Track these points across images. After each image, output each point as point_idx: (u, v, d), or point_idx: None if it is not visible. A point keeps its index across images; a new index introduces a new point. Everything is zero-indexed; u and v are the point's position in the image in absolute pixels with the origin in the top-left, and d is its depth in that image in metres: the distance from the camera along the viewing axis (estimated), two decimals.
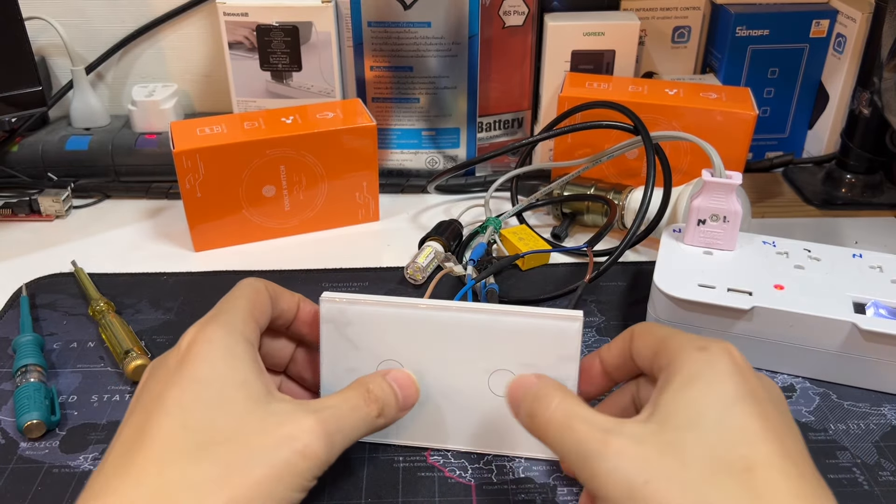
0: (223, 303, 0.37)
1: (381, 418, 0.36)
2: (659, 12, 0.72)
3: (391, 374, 0.38)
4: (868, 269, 0.49)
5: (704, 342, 0.33)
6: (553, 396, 0.33)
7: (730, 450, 0.29)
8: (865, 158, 0.67)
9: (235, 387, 0.33)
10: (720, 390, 0.31)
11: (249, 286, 0.38)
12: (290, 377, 0.43)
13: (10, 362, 0.47)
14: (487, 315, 0.39)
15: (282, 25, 0.66)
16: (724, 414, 0.30)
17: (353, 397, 0.36)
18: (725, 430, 0.30)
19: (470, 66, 0.66)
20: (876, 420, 0.44)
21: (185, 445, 0.31)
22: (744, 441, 0.29)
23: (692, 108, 0.61)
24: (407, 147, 0.71)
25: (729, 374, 0.32)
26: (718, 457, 0.29)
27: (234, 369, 0.34)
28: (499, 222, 0.61)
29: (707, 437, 0.30)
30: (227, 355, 0.34)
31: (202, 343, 0.34)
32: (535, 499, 0.39)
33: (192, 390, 0.33)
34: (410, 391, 0.38)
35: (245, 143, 0.57)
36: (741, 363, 0.33)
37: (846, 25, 0.69)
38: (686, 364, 0.32)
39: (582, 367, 0.39)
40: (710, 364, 0.32)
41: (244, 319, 0.36)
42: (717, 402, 0.31)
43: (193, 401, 0.32)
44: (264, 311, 0.38)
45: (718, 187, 0.49)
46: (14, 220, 0.65)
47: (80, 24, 0.74)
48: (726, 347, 0.33)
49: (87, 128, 0.72)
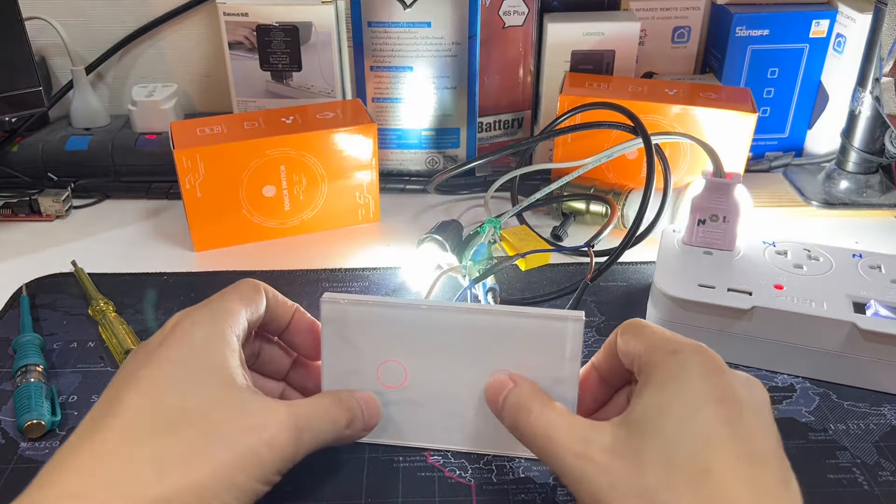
0: (217, 295, 0.38)
1: (348, 430, 0.37)
2: (659, 12, 0.72)
3: (357, 393, 0.39)
4: (868, 269, 0.49)
5: (678, 345, 0.34)
6: (532, 407, 0.35)
7: (688, 454, 0.30)
8: (865, 158, 0.67)
9: (210, 372, 0.33)
10: (687, 395, 0.31)
11: (246, 284, 0.39)
12: (291, 385, 0.43)
13: (11, 362, 0.47)
14: (488, 316, 0.39)
15: (282, 25, 0.66)
16: (688, 418, 0.31)
17: (325, 402, 0.37)
18: (687, 436, 0.30)
19: (470, 66, 0.66)
20: (876, 420, 0.44)
21: (152, 422, 0.31)
22: (703, 445, 0.30)
23: (692, 108, 0.61)
24: (407, 147, 0.71)
25: (698, 378, 0.32)
26: (677, 462, 0.29)
27: (212, 355, 0.34)
28: (499, 222, 0.61)
29: (668, 443, 0.30)
30: (207, 341, 0.34)
31: (184, 327, 0.35)
32: (535, 499, 0.39)
33: (166, 370, 0.33)
34: (374, 412, 0.39)
35: (245, 143, 0.57)
36: (713, 366, 0.33)
37: (846, 25, 0.69)
38: (658, 368, 0.33)
39: (581, 381, 0.39)
40: (681, 368, 0.32)
41: (231, 312, 0.36)
42: (683, 407, 0.31)
43: (166, 380, 0.33)
44: (256, 311, 0.38)
45: (718, 187, 0.49)
46: (14, 220, 0.65)
47: (80, 24, 0.74)
48: (698, 349, 0.33)
49: (87, 128, 0.72)
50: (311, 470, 0.40)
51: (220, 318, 0.36)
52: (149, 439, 0.31)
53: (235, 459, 0.31)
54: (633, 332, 0.36)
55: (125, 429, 0.31)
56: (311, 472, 0.40)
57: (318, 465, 0.40)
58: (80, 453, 0.31)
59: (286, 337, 0.42)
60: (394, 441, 0.41)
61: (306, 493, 0.39)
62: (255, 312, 0.38)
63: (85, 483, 0.29)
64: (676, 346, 0.33)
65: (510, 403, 0.36)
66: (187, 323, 0.35)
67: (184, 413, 0.32)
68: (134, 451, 0.30)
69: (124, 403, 0.32)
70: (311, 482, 0.40)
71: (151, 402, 0.32)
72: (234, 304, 0.37)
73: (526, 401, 0.35)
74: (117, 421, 0.31)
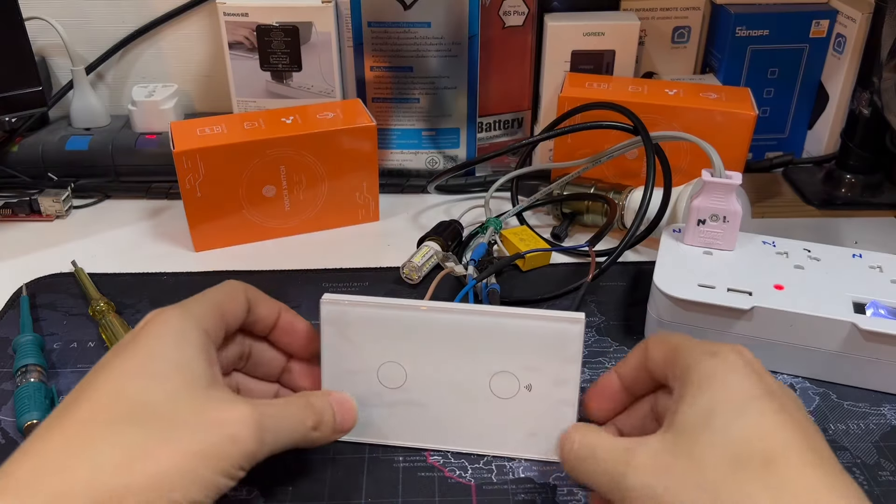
0: (196, 295, 0.38)
1: (317, 432, 0.37)
2: (659, 12, 0.72)
3: (333, 395, 0.39)
4: (868, 269, 0.49)
5: (715, 347, 0.34)
6: (574, 437, 0.35)
7: (746, 446, 0.29)
8: (865, 158, 0.67)
9: (178, 367, 0.34)
10: (732, 391, 0.31)
11: (227, 285, 0.39)
12: (286, 387, 0.43)
13: (11, 362, 0.47)
14: (489, 317, 0.39)
15: (282, 25, 0.66)
16: (738, 412, 0.31)
17: (293, 403, 0.37)
18: (740, 428, 0.30)
19: (470, 66, 0.66)
20: (876, 420, 0.44)
21: (116, 411, 0.32)
22: (760, 436, 0.30)
23: (692, 108, 0.61)
24: (407, 147, 0.71)
25: (742, 375, 0.32)
26: (735, 454, 0.29)
27: (181, 351, 0.34)
28: (499, 222, 0.61)
29: (721, 437, 0.30)
30: (178, 337, 0.35)
31: (157, 323, 0.35)
32: (535, 499, 0.39)
33: (134, 362, 0.34)
34: (348, 416, 0.39)
35: (245, 143, 0.57)
36: (754, 363, 0.33)
37: (846, 25, 0.69)
38: (698, 371, 0.33)
39: (600, 385, 0.39)
40: (722, 367, 0.33)
41: (207, 312, 0.37)
42: (730, 402, 0.31)
43: (133, 371, 0.33)
44: (234, 311, 0.38)
45: (718, 187, 0.49)
46: (14, 220, 0.65)
47: (80, 24, 0.74)
48: (737, 349, 0.34)
49: (87, 128, 0.72)
50: (311, 470, 0.40)
51: (192, 317, 0.36)
52: (110, 428, 0.31)
53: (198, 451, 0.31)
54: (665, 343, 0.36)
55: (88, 417, 0.31)
56: (311, 472, 0.40)
57: (319, 465, 0.40)
58: (45, 440, 0.31)
59: (274, 337, 0.42)
60: (394, 441, 0.41)
61: (306, 493, 0.39)
62: (233, 314, 0.38)
63: (45, 469, 0.30)
64: (714, 349, 0.34)
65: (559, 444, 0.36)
66: (159, 320, 0.35)
67: (148, 405, 0.32)
68: (94, 440, 0.31)
69: (90, 392, 0.32)
70: (311, 482, 0.40)
71: (117, 392, 0.32)
72: (209, 303, 0.37)
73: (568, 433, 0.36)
74: (81, 410, 0.32)
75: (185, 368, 0.34)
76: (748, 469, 0.29)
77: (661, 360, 0.36)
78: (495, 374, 0.39)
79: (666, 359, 0.35)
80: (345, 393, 0.39)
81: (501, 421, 0.40)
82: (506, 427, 0.40)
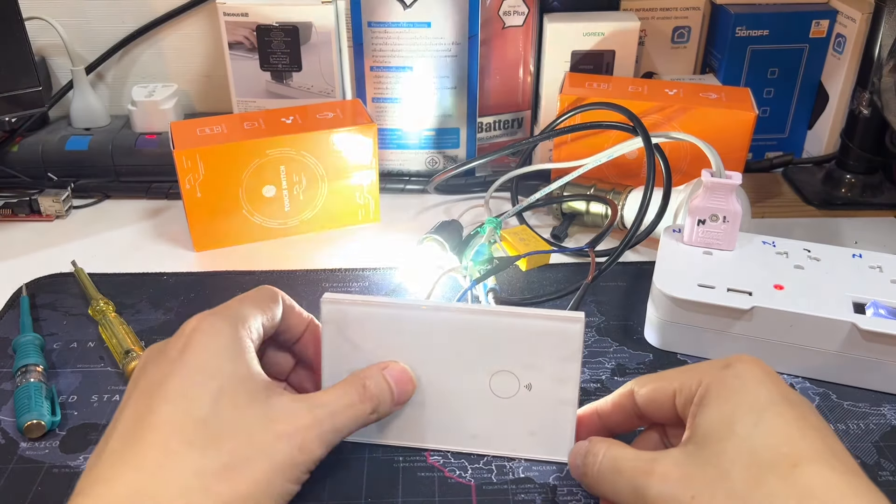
0: (234, 299, 0.38)
1: (375, 415, 0.37)
2: (659, 12, 0.72)
3: (389, 368, 0.38)
4: (868, 269, 0.49)
5: (726, 360, 0.34)
6: (598, 450, 0.35)
7: (771, 452, 0.29)
8: (865, 158, 0.67)
9: (239, 380, 0.34)
10: (752, 398, 0.32)
11: (266, 290, 0.39)
12: (292, 386, 0.43)
13: (10, 362, 0.47)
14: (489, 316, 0.39)
15: (282, 25, 0.66)
16: (759, 419, 0.31)
17: (349, 393, 0.36)
18: (763, 434, 0.30)
19: (470, 66, 0.66)
20: (876, 420, 0.44)
21: (189, 435, 0.31)
22: (784, 441, 0.30)
23: (692, 108, 0.61)
24: (407, 147, 0.71)
25: (759, 382, 0.32)
26: (760, 460, 0.29)
27: (237, 363, 0.34)
28: (499, 222, 0.61)
29: (745, 444, 0.30)
30: (230, 348, 0.34)
31: (205, 334, 0.34)
32: (535, 499, 0.39)
33: (194, 380, 0.33)
34: (407, 387, 0.39)
35: (245, 143, 0.57)
36: (769, 371, 0.33)
37: (846, 25, 0.69)
38: (714, 384, 0.33)
39: (580, 420, 0.39)
40: (738, 377, 0.33)
41: (249, 318, 0.36)
42: (751, 410, 0.31)
43: (196, 391, 0.33)
44: (272, 318, 0.38)
45: (718, 187, 0.49)
46: (14, 220, 0.65)
47: (80, 24, 0.74)
48: (749, 359, 0.34)
49: (87, 128, 0.72)
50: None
51: (238, 325, 0.35)
52: (188, 453, 0.31)
53: (273, 468, 0.32)
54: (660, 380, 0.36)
55: (163, 442, 0.31)
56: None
57: (318, 465, 0.40)
58: (121, 467, 0.31)
59: (298, 348, 0.42)
60: (394, 441, 0.41)
61: (306, 493, 0.39)
62: (270, 320, 0.38)
63: (130, 497, 0.29)
64: (726, 362, 0.34)
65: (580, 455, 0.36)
66: (207, 328, 0.35)
67: (219, 425, 0.32)
68: (175, 465, 0.30)
69: (156, 416, 0.32)
70: (311, 482, 0.39)
71: (185, 415, 0.32)
72: (251, 309, 0.37)
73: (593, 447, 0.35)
74: (153, 434, 0.31)
75: (246, 381, 0.34)
76: (774, 474, 0.29)
77: (659, 395, 0.35)
78: (495, 373, 0.39)
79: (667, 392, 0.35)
80: (398, 362, 0.39)
81: (501, 420, 0.40)
82: (506, 426, 0.40)
